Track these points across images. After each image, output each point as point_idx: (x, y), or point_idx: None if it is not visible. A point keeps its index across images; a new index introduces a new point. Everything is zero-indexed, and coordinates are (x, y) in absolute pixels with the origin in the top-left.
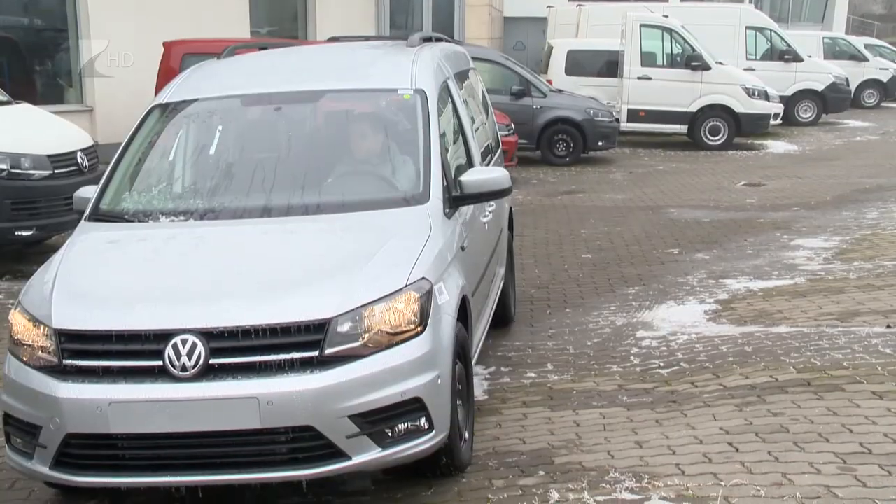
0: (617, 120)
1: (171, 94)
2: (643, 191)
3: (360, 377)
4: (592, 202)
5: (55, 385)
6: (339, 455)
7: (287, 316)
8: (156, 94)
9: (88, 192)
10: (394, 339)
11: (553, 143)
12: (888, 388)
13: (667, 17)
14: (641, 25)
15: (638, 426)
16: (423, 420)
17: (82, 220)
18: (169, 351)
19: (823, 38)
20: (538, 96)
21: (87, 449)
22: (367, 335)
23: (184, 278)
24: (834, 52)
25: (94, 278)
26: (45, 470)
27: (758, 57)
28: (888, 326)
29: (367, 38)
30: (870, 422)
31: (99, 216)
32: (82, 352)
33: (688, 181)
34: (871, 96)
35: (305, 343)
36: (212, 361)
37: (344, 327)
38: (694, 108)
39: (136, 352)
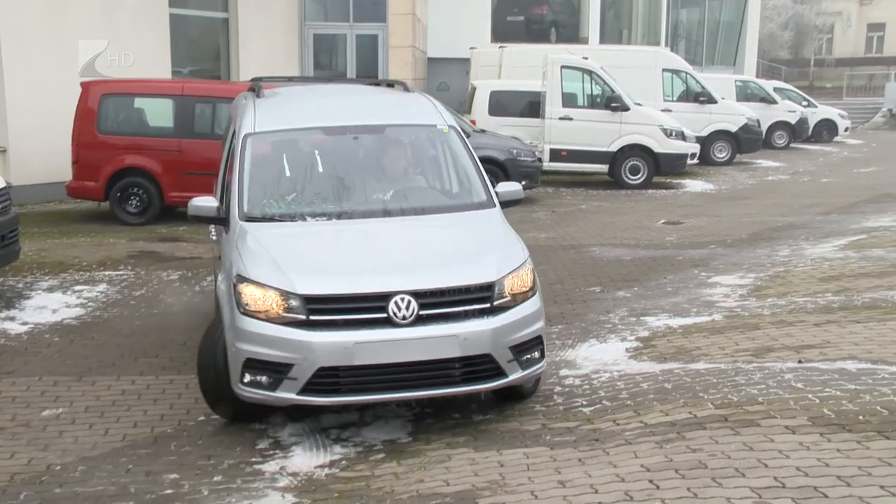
0: (539, 160)
1: (257, 125)
2: (566, 230)
3: (513, 321)
4: None
5: (308, 334)
6: (502, 374)
7: (468, 280)
8: (73, 135)
9: (202, 201)
10: (523, 297)
11: None
12: (800, 422)
13: (586, 59)
14: (562, 67)
15: (561, 465)
16: (538, 352)
17: (239, 220)
18: (392, 306)
19: (735, 81)
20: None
21: (328, 378)
22: (510, 294)
23: (379, 257)
24: (745, 94)
25: (309, 258)
26: (292, 396)
27: (674, 98)
28: (800, 361)
29: (290, 79)
30: (783, 456)
31: (250, 218)
32: (325, 310)
33: (609, 220)
34: (780, 137)
35: (480, 298)
36: (420, 313)
37: (500, 288)
38: (614, 148)
39: (367, 308)
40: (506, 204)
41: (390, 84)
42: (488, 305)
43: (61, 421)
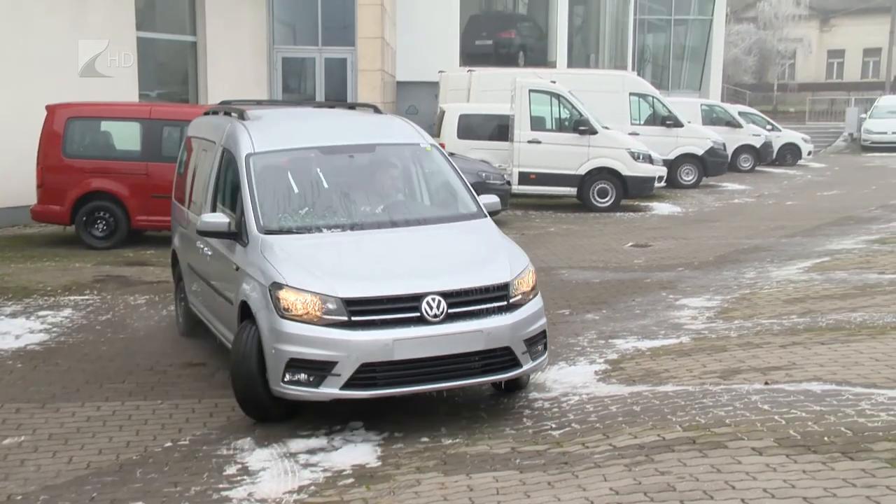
0: (508, 183)
1: (256, 146)
2: (535, 252)
3: (525, 317)
4: None
5: (351, 333)
6: (517, 364)
7: (488, 280)
8: (38, 158)
9: (213, 217)
10: (529, 296)
11: None
12: (767, 443)
13: (554, 83)
14: (530, 91)
15: (531, 489)
16: (542, 345)
17: (259, 234)
18: (424, 306)
19: (701, 105)
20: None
21: (368, 373)
22: (520, 293)
23: (404, 262)
24: (711, 118)
25: (339, 265)
26: (335, 391)
27: (641, 122)
28: (766, 383)
29: (258, 103)
30: (750, 478)
31: (269, 231)
32: (365, 311)
33: (578, 243)
34: (746, 161)
35: (498, 297)
36: (449, 311)
37: (514, 287)
38: (582, 171)
39: (402, 308)
40: (491, 214)
41: (352, 106)
42: (505, 303)
43: (23, 449)
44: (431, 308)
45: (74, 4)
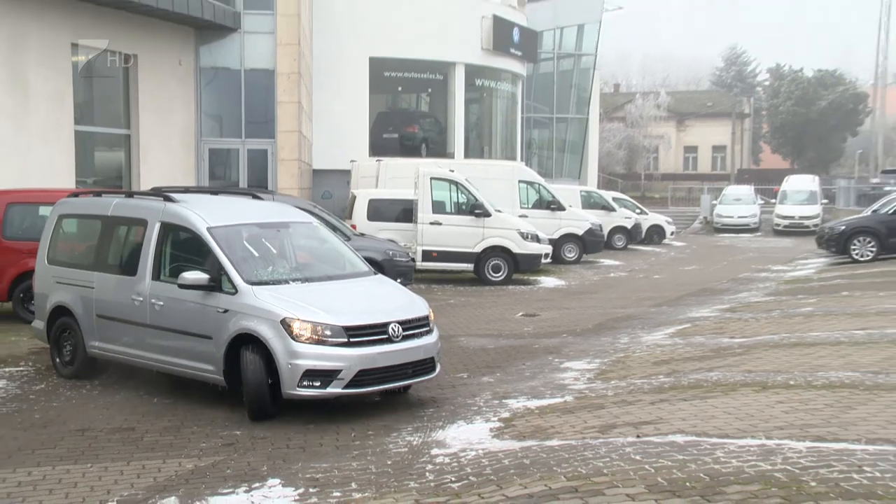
0: (413, 260)
1: (212, 221)
2: (437, 322)
3: (436, 339)
4: None
5: (349, 350)
6: (433, 369)
7: (418, 314)
8: None
9: (193, 275)
10: (433, 326)
11: None
12: (639, 490)
13: (453, 171)
14: (432, 178)
15: None
16: (437, 360)
17: (246, 284)
18: (390, 331)
19: (580, 191)
20: (343, 240)
21: (359, 377)
22: (431, 322)
23: (366, 303)
24: (589, 203)
25: (331, 305)
26: (340, 390)
27: (529, 206)
28: (638, 436)
29: (186, 189)
30: None
31: (252, 283)
32: (356, 334)
33: (475, 313)
34: (619, 240)
35: (423, 324)
36: (403, 332)
37: (429, 319)
38: (478, 249)
39: (378, 332)
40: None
41: (255, 196)
42: (427, 329)
43: None
44: (395, 332)
45: (19, 105)
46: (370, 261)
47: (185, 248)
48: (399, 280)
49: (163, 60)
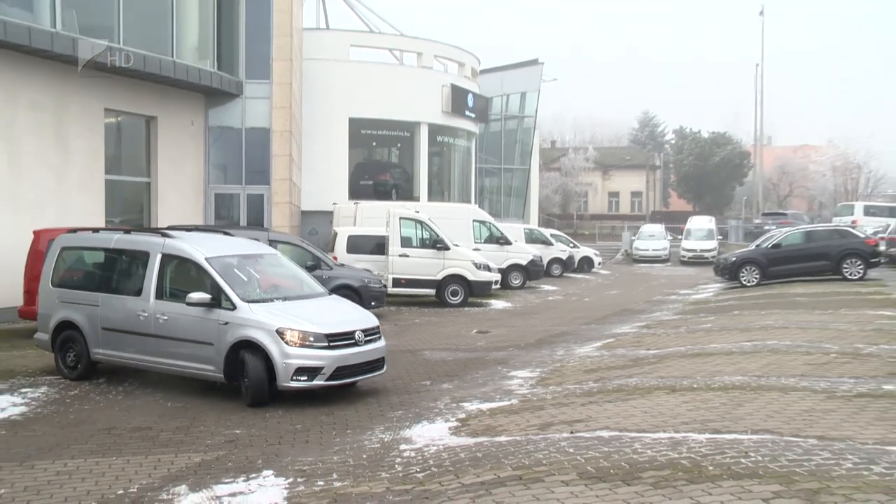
0: (385, 286)
1: (208, 253)
2: (404, 338)
3: (384, 344)
4: None
5: (330, 352)
6: (383, 367)
7: (373, 324)
8: (26, 270)
9: (198, 294)
10: (380, 334)
11: None
12: (571, 476)
13: (418, 212)
14: (401, 218)
15: None
16: (385, 360)
17: (243, 302)
18: (357, 336)
19: (524, 228)
20: (326, 269)
21: (336, 372)
22: (380, 331)
23: (336, 316)
24: (531, 238)
25: (311, 317)
26: (322, 382)
27: (482, 241)
28: (571, 432)
29: (195, 228)
30: (560, 503)
31: (247, 301)
32: (335, 340)
33: (436, 330)
34: (556, 269)
35: (376, 332)
36: (365, 338)
37: (378, 329)
38: (440, 277)
39: (348, 337)
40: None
41: (225, 232)
42: (378, 335)
43: (3, 499)
44: (361, 338)
45: (62, 161)
46: (349, 287)
47: (183, 273)
48: (373, 303)
49: (178, 121)
